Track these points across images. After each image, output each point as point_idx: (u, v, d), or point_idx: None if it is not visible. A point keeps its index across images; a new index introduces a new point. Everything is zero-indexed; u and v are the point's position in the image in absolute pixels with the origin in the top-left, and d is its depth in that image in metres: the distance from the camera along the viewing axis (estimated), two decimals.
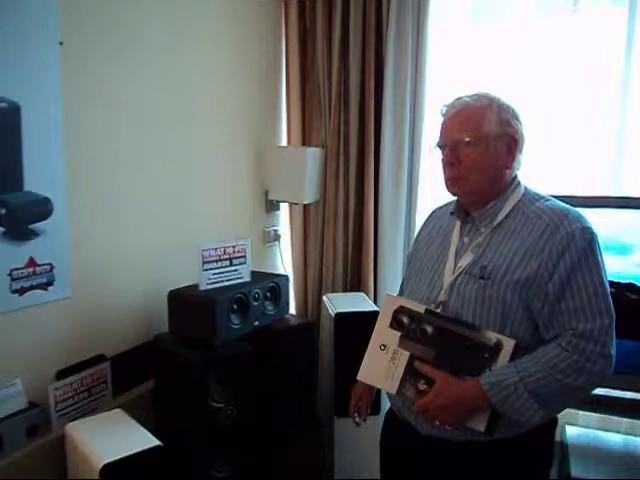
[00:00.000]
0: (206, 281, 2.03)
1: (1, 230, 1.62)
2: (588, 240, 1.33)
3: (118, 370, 1.99)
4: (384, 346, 1.44)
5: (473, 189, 1.44)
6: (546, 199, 1.44)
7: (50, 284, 1.77)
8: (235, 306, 2.04)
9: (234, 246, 2.11)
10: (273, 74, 2.87)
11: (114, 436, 1.65)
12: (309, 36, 2.79)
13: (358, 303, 2.46)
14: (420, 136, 2.66)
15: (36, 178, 1.70)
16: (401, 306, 1.44)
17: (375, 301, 2.64)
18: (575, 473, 1.94)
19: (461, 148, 1.41)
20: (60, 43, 1.74)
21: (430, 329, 1.39)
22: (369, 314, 2.20)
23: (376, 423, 1.72)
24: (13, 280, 1.66)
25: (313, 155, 2.74)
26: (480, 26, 2.66)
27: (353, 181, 2.77)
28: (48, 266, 1.75)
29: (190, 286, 2.06)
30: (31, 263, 1.70)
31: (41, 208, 1.73)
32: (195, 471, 1.93)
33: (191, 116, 2.32)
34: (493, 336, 1.33)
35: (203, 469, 1.93)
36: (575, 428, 2.25)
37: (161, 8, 2.14)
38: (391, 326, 1.44)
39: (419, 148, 2.67)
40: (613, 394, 2.08)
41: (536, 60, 2.51)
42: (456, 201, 1.54)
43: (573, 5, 2.52)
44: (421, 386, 1.38)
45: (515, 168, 1.47)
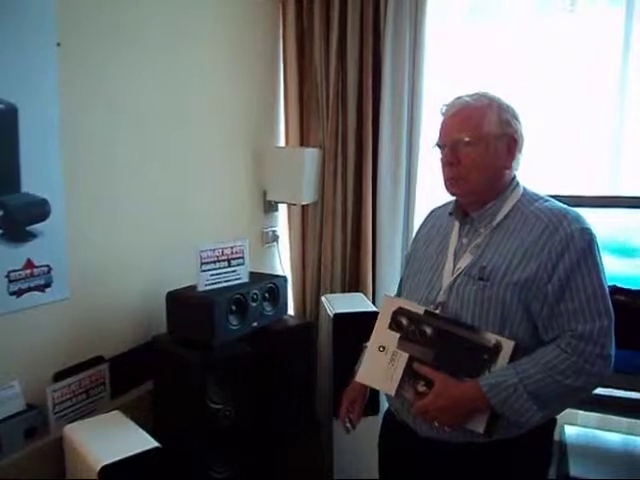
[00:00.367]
0: (204, 282, 2.03)
1: None
2: (587, 241, 1.33)
3: (116, 371, 1.99)
4: (383, 347, 1.43)
5: (472, 189, 1.43)
6: (545, 199, 1.43)
7: (48, 286, 1.76)
8: (233, 307, 2.04)
9: (232, 247, 2.11)
10: (271, 75, 2.86)
11: (112, 438, 1.65)
12: (307, 36, 2.79)
13: (356, 303, 2.46)
14: (418, 136, 2.66)
15: (34, 180, 1.70)
16: (400, 307, 1.43)
17: (373, 301, 2.64)
18: (574, 473, 1.94)
19: (461, 148, 1.41)
20: (57, 44, 1.74)
21: (429, 330, 1.39)
22: (368, 314, 2.19)
23: (375, 423, 1.71)
24: (11, 282, 1.65)
25: (311, 156, 2.74)
26: (477, 26, 2.67)
27: (351, 181, 2.77)
28: (46, 268, 1.75)
29: (188, 287, 2.06)
30: (29, 265, 1.70)
31: (39, 210, 1.73)
32: (194, 472, 1.92)
33: (189, 117, 2.32)
34: (492, 337, 1.33)
35: (202, 470, 1.93)
36: (574, 428, 2.25)
37: (159, 9, 2.14)
38: (390, 327, 1.43)
39: (417, 148, 2.67)
40: (612, 394, 2.08)
41: (533, 60, 2.51)
42: (454, 201, 1.54)
43: (570, 5, 2.52)
44: (420, 388, 1.37)
45: (514, 168, 1.47)
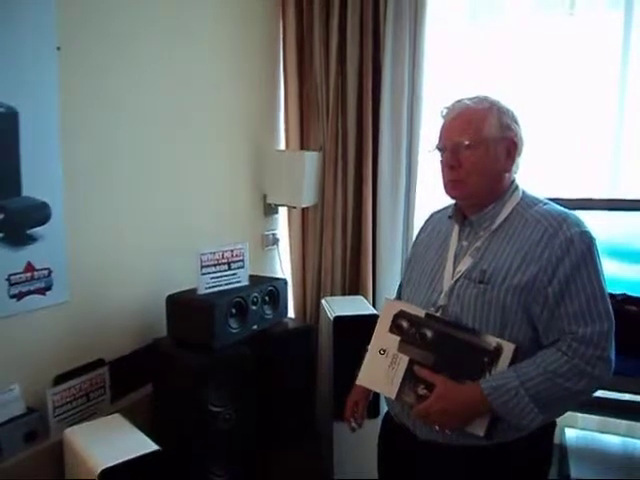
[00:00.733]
0: (204, 285, 2.03)
1: None
2: (587, 244, 1.33)
3: (116, 375, 1.99)
4: (384, 350, 1.43)
5: (472, 192, 1.44)
6: (544, 203, 1.44)
7: (48, 289, 1.76)
8: (233, 310, 2.04)
9: (232, 250, 2.11)
10: (271, 78, 2.87)
11: (112, 441, 1.65)
12: (306, 40, 2.79)
13: (357, 307, 2.46)
14: (418, 139, 2.66)
15: (34, 183, 1.70)
16: (401, 310, 1.44)
17: (374, 304, 2.64)
18: (575, 475, 1.94)
19: (461, 151, 1.41)
20: (58, 48, 1.74)
21: (430, 333, 1.39)
22: (368, 318, 2.20)
23: (375, 426, 1.71)
24: (11, 285, 1.65)
25: (311, 159, 2.74)
26: (477, 29, 2.67)
27: (351, 185, 2.77)
28: (46, 271, 1.75)
29: (188, 290, 2.06)
30: (29, 268, 1.70)
31: (39, 213, 1.73)
32: (194, 475, 1.92)
33: (189, 121, 2.33)
34: (493, 340, 1.33)
35: (202, 473, 1.93)
36: (574, 430, 2.25)
37: (158, 14, 2.14)
38: (391, 330, 1.44)
39: (417, 151, 2.67)
40: (612, 396, 2.08)
41: (533, 63, 2.51)
42: (454, 205, 1.54)
43: (570, 8, 2.52)
44: (421, 391, 1.37)
45: (513, 172, 1.47)
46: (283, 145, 2.93)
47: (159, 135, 2.17)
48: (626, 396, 2.12)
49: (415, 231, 2.62)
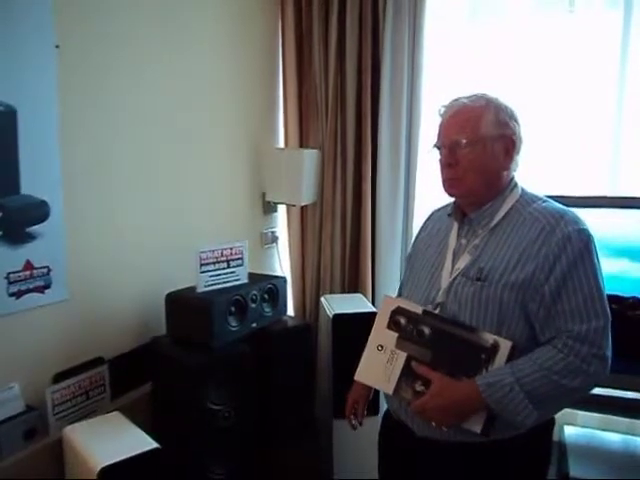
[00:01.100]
0: (203, 283, 2.03)
1: None
2: (584, 242, 1.33)
3: (116, 373, 1.99)
4: (381, 347, 1.44)
5: (470, 190, 1.44)
6: (543, 200, 1.44)
7: (47, 287, 1.76)
8: (233, 308, 2.04)
9: (231, 248, 2.11)
10: (270, 76, 2.87)
11: (112, 439, 1.65)
12: (306, 38, 2.79)
13: (356, 304, 2.47)
14: (417, 137, 2.66)
15: (33, 181, 1.70)
16: (399, 307, 1.44)
17: (373, 302, 2.64)
18: (574, 473, 1.94)
19: (458, 149, 1.41)
20: (56, 46, 1.74)
21: (427, 330, 1.39)
22: (367, 315, 2.20)
23: (375, 424, 1.71)
24: (10, 283, 1.65)
25: (310, 157, 2.74)
26: (476, 27, 2.67)
27: (350, 182, 2.77)
28: (45, 269, 1.75)
29: (188, 288, 2.06)
30: (28, 266, 1.70)
31: (38, 211, 1.73)
32: (193, 473, 1.92)
33: (188, 119, 2.32)
34: (490, 337, 1.33)
35: (201, 471, 1.93)
36: (574, 428, 2.25)
37: (158, 12, 2.14)
38: (389, 327, 1.44)
39: (416, 149, 2.67)
40: (612, 394, 2.09)
41: (532, 61, 2.51)
42: (453, 203, 1.55)
43: (569, 6, 2.52)
44: (418, 387, 1.37)
45: (512, 169, 1.47)
46: (282, 143, 2.93)
47: (158, 133, 2.17)
48: (626, 394, 2.12)
49: (414, 229, 2.66)
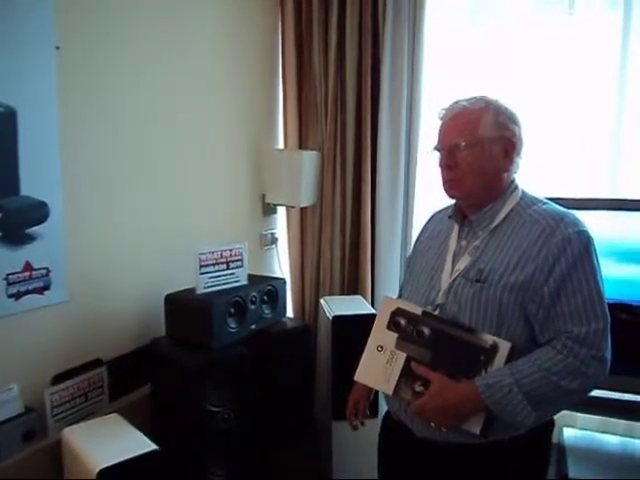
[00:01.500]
0: (203, 285, 2.03)
1: None
2: (584, 244, 1.33)
3: (115, 374, 1.99)
4: (381, 347, 1.44)
5: (469, 192, 1.44)
6: (543, 202, 1.44)
7: (46, 288, 1.76)
8: (232, 309, 2.04)
9: (231, 250, 2.11)
10: (270, 78, 2.87)
11: (111, 440, 1.65)
12: (305, 40, 2.79)
13: (355, 306, 2.46)
14: (417, 139, 2.66)
15: (33, 182, 1.70)
16: (398, 308, 1.44)
17: (372, 304, 2.64)
18: (572, 474, 1.94)
19: (457, 152, 1.42)
20: (57, 47, 1.74)
21: (427, 331, 1.39)
22: (366, 317, 2.20)
23: (374, 426, 1.71)
24: (9, 285, 1.65)
25: (310, 158, 2.74)
26: (476, 28, 2.67)
27: (350, 184, 2.77)
28: (44, 270, 1.75)
29: (187, 290, 2.06)
30: (27, 267, 1.70)
31: (37, 212, 1.73)
32: (192, 475, 1.92)
33: (189, 120, 2.33)
34: (489, 339, 1.33)
35: (200, 473, 1.93)
36: (573, 430, 2.25)
37: (158, 13, 2.14)
38: (388, 327, 1.44)
39: (416, 151, 2.67)
40: (610, 396, 2.08)
41: (532, 62, 2.51)
42: (454, 204, 1.55)
43: (569, 8, 2.52)
44: (417, 388, 1.38)
45: (513, 171, 1.47)
46: (282, 144, 2.93)
47: (158, 134, 2.17)
48: (625, 396, 2.12)
49: (414, 230, 2.66)
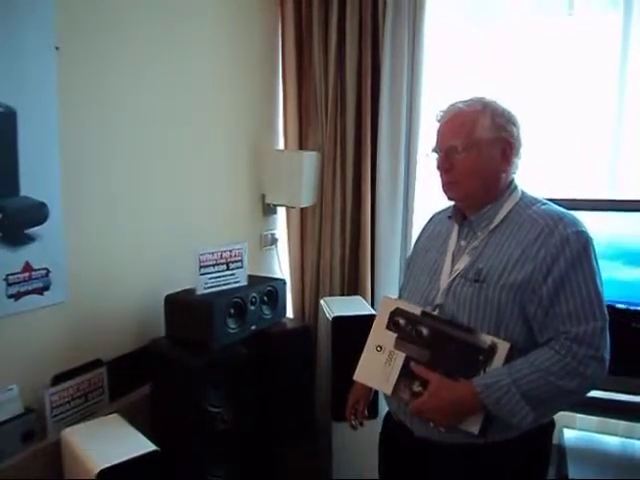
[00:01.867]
0: (203, 285, 2.03)
1: None
2: (583, 244, 1.33)
3: (115, 375, 1.98)
4: (380, 347, 1.44)
5: (468, 194, 1.45)
6: (542, 203, 1.44)
7: (46, 289, 1.76)
8: (232, 310, 2.04)
9: (231, 250, 2.11)
10: (270, 78, 2.87)
11: (110, 441, 1.65)
12: (305, 40, 2.79)
13: (355, 307, 2.46)
14: (417, 140, 2.66)
15: (32, 183, 1.70)
16: (398, 308, 1.45)
17: (372, 305, 2.64)
18: (573, 476, 1.93)
19: (455, 154, 1.42)
20: (56, 48, 1.74)
21: (426, 331, 1.40)
22: (366, 318, 2.19)
23: (374, 426, 1.71)
24: (9, 285, 1.65)
25: (310, 159, 2.74)
26: (476, 29, 2.67)
27: (350, 185, 2.77)
28: (44, 271, 1.75)
29: (187, 290, 2.06)
30: (27, 268, 1.70)
31: (37, 213, 1.73)
32: (192, 476, 1.92)
33: (188, 120, 2.33)
34: (488, 339, 1.33)
35: (200, 474, 1.93)
36: (573, 431, 2.25)
37: (158, 13, 2.14)
38: (387, 327, 1.45)
39: (416, 152, 2.67)
40: (611, 397, 2.08)
41: (532, 63, 2.52)
42: (453, 205, 1.55)
43: (569, 8, 2.52)
44: (416, 388, 1.38)
45: (511, 172, 1.47)
46: (282, 145, 2.93)
47: (158, 135, 2.17)
48: (625, 397, 2.12)
49: (414, 231, 2.66)
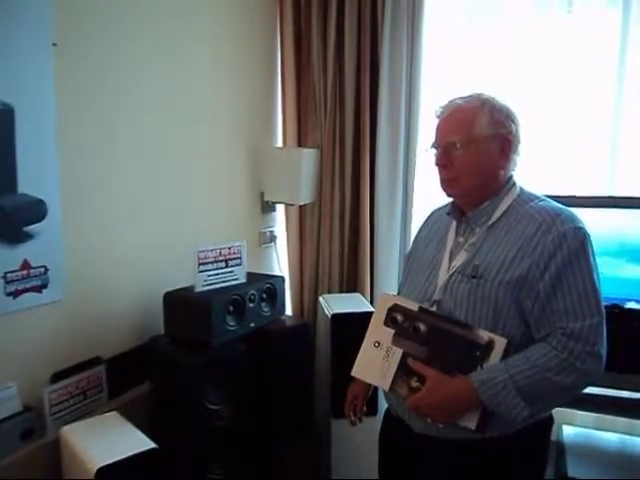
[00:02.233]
0: (202, 283, 2.03)
1: None
2: (580, 240, 1.33)
3: (114, 373, 1.98)
4: (378, 343, 1.44)
5: (466, 190, 1.45)
6: (540, 199, 1.44)
7: (44, 286, 1.76)
8: (231, 307, 2.04)
9: (230, 247, 2.11)
10: (268, 75, 2.87)
11: (109, 439, 1.64)
12: (304, 37, 2.79)
13: (354, 304, 2.47)
14: (415, 137, 2.66)
15: (30, 180, 1.69)
16: (395, 304, 1.45)
17: (371, 302, 2.64)
18: (572, 473, 1.94)
19: (453, 151, 1.42)
20: (54, 44, 1.73)
21: (423, 327, 1.40)
22: (365, 315, 2.17)
23: (373, 424, 1.71)
24: (7, 283, 1.65)
25: (309, 156, 2.74)
26: (475, 27, 2.67)
27: (349, 182, 2.77)
28: (42, 268, 1.75)
29: (186, 288, 2.06)
30: (25, 266, 1.70)
31: (35, 210, 1.72)
32: (191, 474, 1.92)
33: (187, 117, 2.32)
34: (485, 335, 1.34)
35: (199, 471, 1.93)
36: (572, 427, 2.25)
37: (156, 10, 2.14)
38: (385, 323, 1.45)
39: (414, 149, 2.67)
40: (610, 393, 2.09)
41: (531, 61, 2.51)
42: (452, 201, 1.55)
43: (568, 6, 2.52)
44: (413, 383, 1.38)
45: (510, 169, 1.47)
46: (280, 142, 2.93)
47: (157, 133, 2.17)
48: (624, 393, 2.12)
49: (413, 228, 2.66)
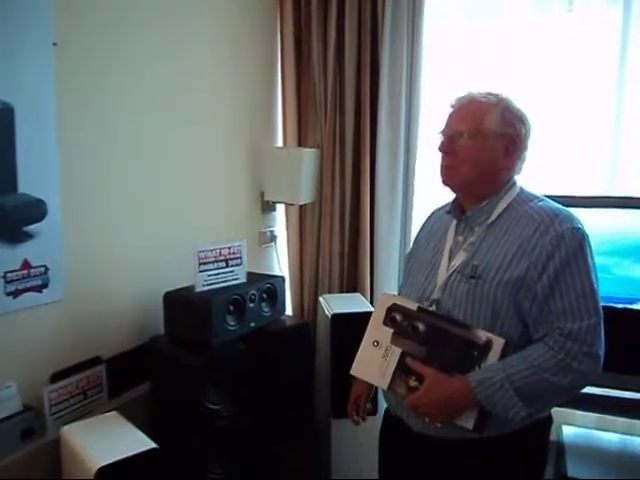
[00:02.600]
0: (202, 282, 2.02)
1: None
2: (578, 241, 1.33)
3: (114, 372, 1.98)
4: (377, 342, 1.45)
5: (463, 181, 1.45)
6: (539, 199, 1.44)
7: (45, 286, 1.76)
8: (231, 307, 2.03)
9: (230, 247, 2.11)
10: (269, 75, 2.86)
11: (110, 439, 1.64)
12: (304, 37, 2.79)
13: (354, 304, 2.47)
14: (416, 136, 2.65)
15: (30, 180, 1.69)
16: (394, 303, 1.46)
17: (371, 302, 2.64)
18: (572, 473, 1.94)
19: (459, 140, 1.43)
20: (54, 44, 1.73)
21: (422, 326, 1.40)
22: (365, 315, 2.17)
23: (373, 424, 1.71)
24: (7, 282, 1.65)
25: (309, 156, 2.74)
26: (475, 26, 2.66)
27: (349, 182, 2.77)
28: (42, 268, 1.75)
29: (186, 287, 2.06)
30: (25, 265, 1.70)
31: (35, 210, 1.72)
32: (192, 473, 1.92)
33: (187, 117, 2.32)
34: (483, 335, 1.34)
35: (200, 471, 1.93)
36: (572, 428, 2.25)
37: (156, 9, 2.14)
38: (384, 323, 1.46)
39: (415, 148, 2.67)
40: (610, 394, 2.08)
41: (532, 60, 2.51)
42: (453, 200, 1.55)
43: (568, 5, 2.52)
44: (412, 383, 1.39)
45: (513, 172, 1.47)
46: (281, 142, 2.93)
47: (157, 133, 2.17)
48: (624, 393, 2.12)
49: (413, 228, 2.66)
